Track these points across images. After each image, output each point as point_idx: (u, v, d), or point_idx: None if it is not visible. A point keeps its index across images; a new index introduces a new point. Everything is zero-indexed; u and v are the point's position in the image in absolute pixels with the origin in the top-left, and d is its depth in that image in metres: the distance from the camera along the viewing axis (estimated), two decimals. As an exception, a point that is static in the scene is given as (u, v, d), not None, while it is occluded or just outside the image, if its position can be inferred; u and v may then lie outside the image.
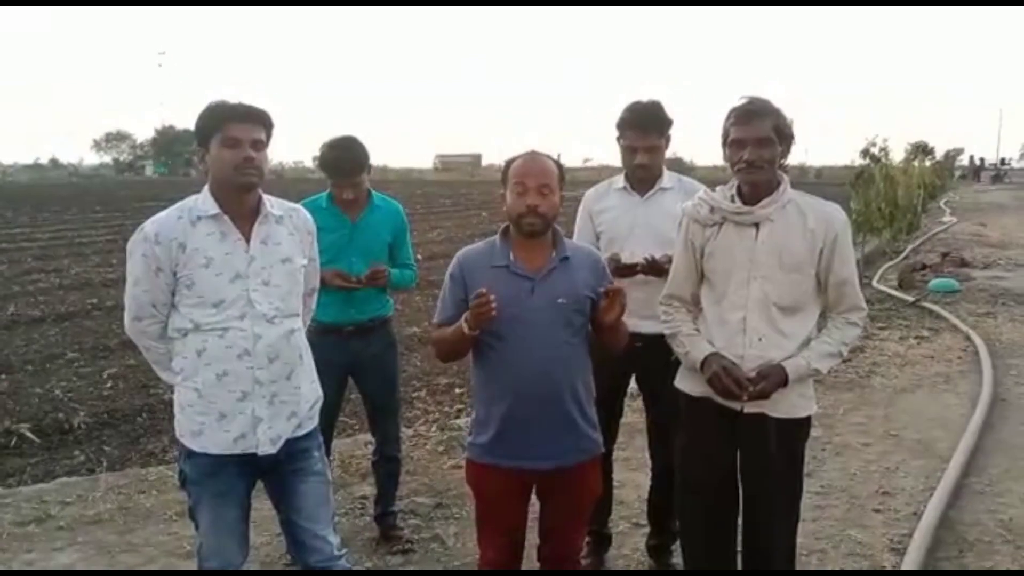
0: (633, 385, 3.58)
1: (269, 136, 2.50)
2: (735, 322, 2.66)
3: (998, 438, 5.17)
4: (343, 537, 3.76)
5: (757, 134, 2.55)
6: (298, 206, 2.72)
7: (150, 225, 2.44)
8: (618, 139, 3.37)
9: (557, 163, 2.60)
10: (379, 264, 3.63)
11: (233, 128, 2.40)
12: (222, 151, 2.41)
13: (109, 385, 6.83)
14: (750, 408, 2.65)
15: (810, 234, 2.62)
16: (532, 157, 2.57)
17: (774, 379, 2.58)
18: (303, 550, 2.62)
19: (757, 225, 2.64)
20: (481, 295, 2.38)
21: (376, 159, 3.73)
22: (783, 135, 2.60)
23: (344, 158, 3.55)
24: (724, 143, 2.65)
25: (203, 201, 2.46)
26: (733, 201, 2.68)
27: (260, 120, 2.47)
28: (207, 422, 2.45)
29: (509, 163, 2.60)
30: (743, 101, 2.61)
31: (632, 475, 4.41)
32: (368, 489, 4.24)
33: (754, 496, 2.75)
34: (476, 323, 2.42)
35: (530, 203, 2.48)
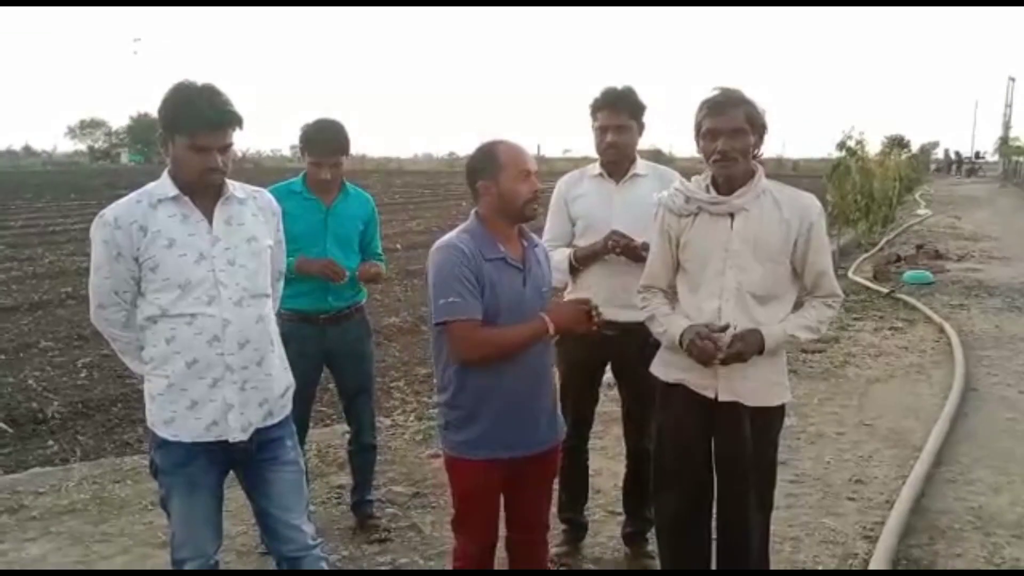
0: (609, 374, 3.60)
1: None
2: (710, 311, 2.67)
3: (969, 428, 5.25)
4: (320, 526, 3.75)
5: (730, 125, 2.56)
6: (262, 189, 2.68)
7: (109, 210, 2.40)
8: (592, 123, 3.40)
9: None
10: (374, 263, 3.74)
11: (205, 136, 2.35)
12: (190, 154, 2.36)
13: (84, 375, 6.78)
14: (724, 396, 2.67)
15: (785, 224, 2.64)
16: (516, 144, 2.57)
17: (751, 339, 2.59)
18: (277, 539, 2.61)
19: (732, 215, 2.65)
20: (588, 306, 2.43)
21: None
22: (756, 125, 2.60)
23: (329, 136, 3.56)
24: (697, 134, 2.65)
25: (163, 184, 2.42)
26: (708, 191, 2.69)
27: (231, 124, 2.40)
28: (178, 410, 2.42)
29: (488, 151, 2.53)
30: (715, 92, 2.62)
31: (608, 463, 4.44)
32: (345, 479, 4.23)
33: (728, 484, 2.77)
34: (574, 329, 2.45)
35: (538, 188, 2.52)
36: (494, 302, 2.45)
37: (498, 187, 2.50)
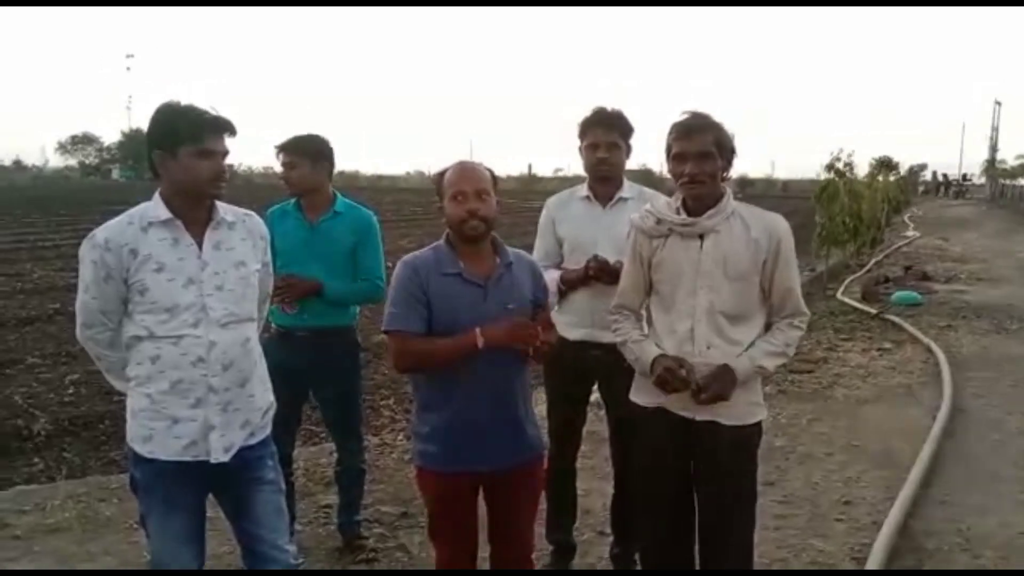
0: (596, 394, 3.60)
1: None
2: (683, 331, 2.70)
3: (957, 448, 5.26)
4: (306, 546, 3.74)
5: (698, 148, 2.61)
6: (251, 212, 2.69)
7: (100, 231, 2.41)
8: (580, 147, 3.42)
9: (488, 169, 2.68)
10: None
11: (210, 140, 2.40)
12: (197, 162, 2.38)
13: (71, 391, 6.72)
14: (702, 416, 2.69)
15: (754, 244, 2.68)
16: (464, 165, 2.67)
17: (724, 379, 2.62)
18: (259, 560, 2.59)
19: (702, 236, 2.70)
20: (532, 326, 2.50)
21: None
22: (724, 149, 2.66)
23: (292, 138, 3.59)
24: (667, 157, 2.71)
25: (155, 206, 2.44)
26: (678, 213, 2.74)
27: (231, 131, 2.47)
28: (158, 428, 2.42)
29: (441, 175, 2.66)
30: (684, 116, 2.67)
31: (598, 483, 4.42)
32: (332, 498, 4.21)
33: (709, 503, 2.78)
34: (509, 343, 2.50)
35: (470, 208, 2.56)
36: (451, 315, 2.55)
37: (444, 209, 2.63)
